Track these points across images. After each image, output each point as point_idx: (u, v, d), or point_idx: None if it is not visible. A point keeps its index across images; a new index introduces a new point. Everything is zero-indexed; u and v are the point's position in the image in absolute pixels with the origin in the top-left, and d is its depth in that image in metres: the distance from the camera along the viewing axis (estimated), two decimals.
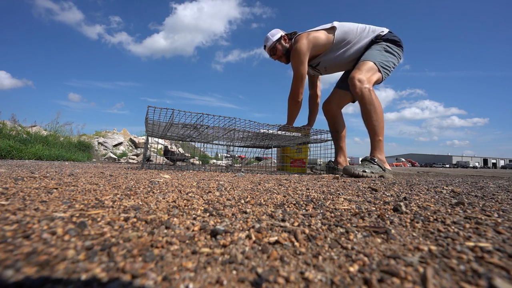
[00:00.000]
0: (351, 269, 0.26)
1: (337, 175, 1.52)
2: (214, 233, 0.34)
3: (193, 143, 2.74)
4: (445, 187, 0.95)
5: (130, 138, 6.77)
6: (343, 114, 2.09)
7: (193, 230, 0.36)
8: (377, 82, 1.67)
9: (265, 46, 2.09)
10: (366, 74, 1.60)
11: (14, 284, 0.21)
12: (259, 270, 0.25)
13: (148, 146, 2.14)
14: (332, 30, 1.81)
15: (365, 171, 1.42)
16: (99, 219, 0.39)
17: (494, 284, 0.23)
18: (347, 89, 1.92)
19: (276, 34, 2.02)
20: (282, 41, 2.00)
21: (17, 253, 0.26)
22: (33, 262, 0.25)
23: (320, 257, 0.29)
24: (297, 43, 1.81)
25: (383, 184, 1.06)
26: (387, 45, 1.75)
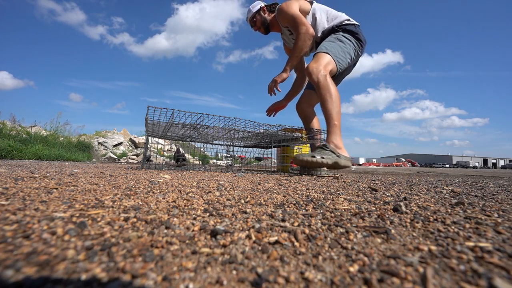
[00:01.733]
0: (351, 269, 0.26)
1: (337, 176, 1.52)
2: (214, 233, 0.34)
3: (193, 143, 2.74)
4: (445, 187, 0.95)
5: (130, 138, 6.77)
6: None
7: (193, 230, 0.36)
8: (332, 72, 1.69)
9: (247, 18, 2.14)
10: (321, 63, 1.63)
11: (14, 284, 0.21)
12: (259, 270, 0.25)
13: (148, 146, 2.14)
14: (311, 3, 1.91)
15: (314, 156, 1.40)
16: (99, 219, 0.39)
17: (494, 284, 0.23)
18: (313, 88, 2.00)
19: (256, 5, 2.08)
20: (261, 12, 2.06)
21: (17, 253, 0.26)
22: (33, 262, 0.25)
23: (320, 257, 0.29)
24: (284, 4, 1.87)
25: (383, 184, 1.06)
26: (342, 35, 1.77)
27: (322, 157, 1.42)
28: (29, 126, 5.11)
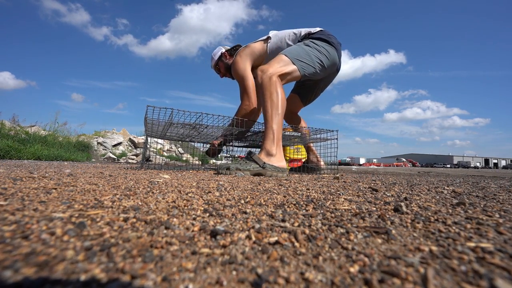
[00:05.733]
0: (352, 269, 0.26)
1: (337, 176, 1.52)
2: (214, 234, 0.34)
3: (192, 143, 2.74)
4: (446, 187, 0.95)
5: (130, 138, 6.77)
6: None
7: (192, 231, 0.36)
8: (294, 75, 1.55)
9: (211, 66, 2.13)
10: (272, 65, 1.50)
11: (13, 285, 0.21)
12: (259, 270, 0.25)
13: (148, 146, 2.14)
14: (267, 40, 1.81)
15: (229, 168, 1.33)
16: (98, 219, 0.39)
17: (495, 285, 0.23)
18: (297, 93, 2.00)
19: (218, 52, 2.04)
20: (223, 58, 2.02)
21: (16, 253, 0.26)
22: (32, 262, 0.25)
23: (321, 258, 0.28)
24: (236, 57, 1.85)
25: (383, 184, 1.06)
26: (310, 41, 1.64)
27: (238, 169, 1.33)
28: (28, 126, 5.11)
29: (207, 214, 0.45)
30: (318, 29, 1.74)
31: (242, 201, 0.57)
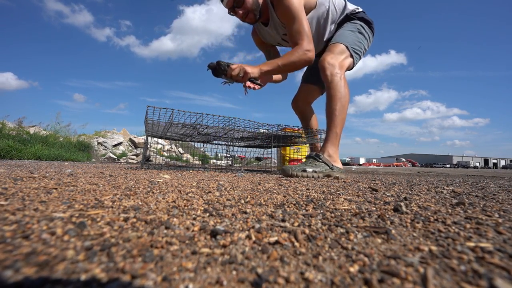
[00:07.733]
0: (351, 269, 0.26)
1: (337, 176, 1.52)
2: (214, 233, 0.34)
3: (192, 143, 2.74)
4: (445, 187, 0.95)
5: (130, 138, 6.77)
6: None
7: (193, 230, 0.36)
8: (348, 68, 1.52)
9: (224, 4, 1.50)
10: (338, 58, 1.42)
11: (13, 285, 0.21)
12: (259, 270, 0.25)
13: (148, 146, 2.14)
14: None
15: (305, 171, 1.27)
16: (98, 219, 0.39)
17: (495, 285, 0.23)
18: (314, 82, 1.85)
19: None
20: None
21: (17, 253, 0.26)
22: (33, 262, 0.25)
23: (320, 257, 0.29)
24: None
25: (383, 184, 1.06)
26: (361, 25, 1.56)
27: (314, 171, 1.29)
28: (29, 126, 5.11)
29: (207, 214, 0.45)
30: (361, 9, 1.65)
31: (242, 201, 0.57)
